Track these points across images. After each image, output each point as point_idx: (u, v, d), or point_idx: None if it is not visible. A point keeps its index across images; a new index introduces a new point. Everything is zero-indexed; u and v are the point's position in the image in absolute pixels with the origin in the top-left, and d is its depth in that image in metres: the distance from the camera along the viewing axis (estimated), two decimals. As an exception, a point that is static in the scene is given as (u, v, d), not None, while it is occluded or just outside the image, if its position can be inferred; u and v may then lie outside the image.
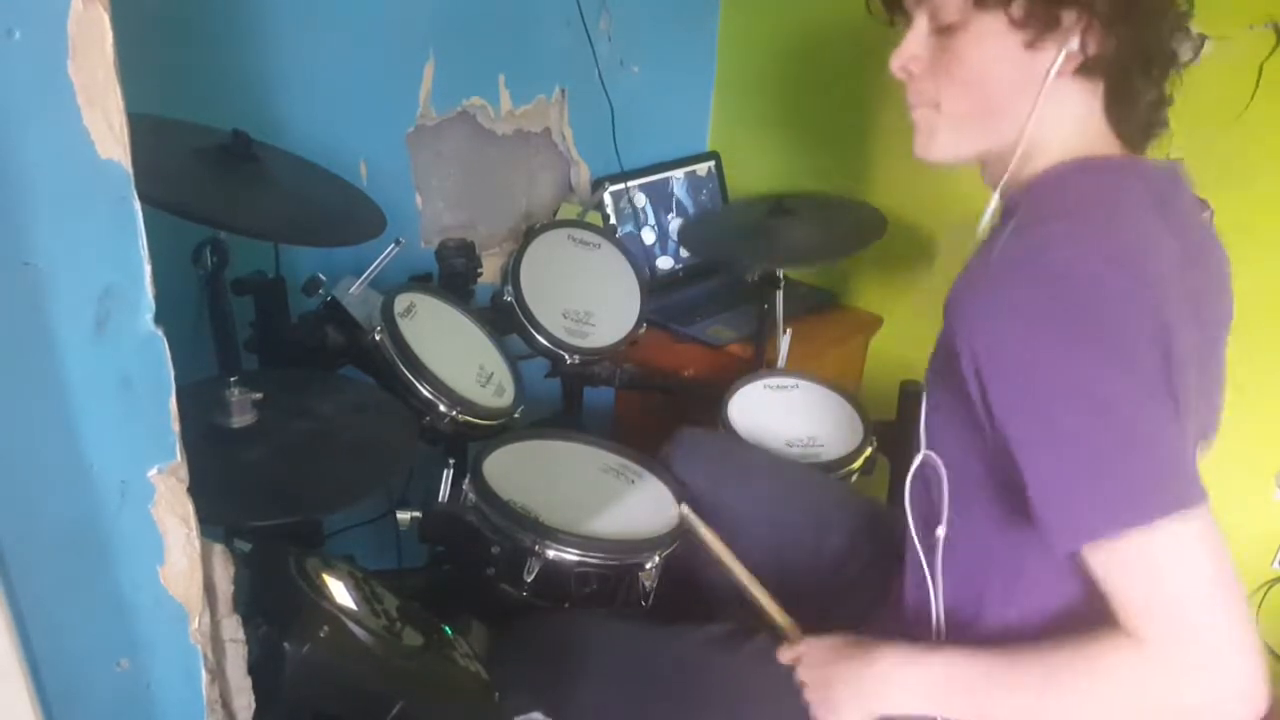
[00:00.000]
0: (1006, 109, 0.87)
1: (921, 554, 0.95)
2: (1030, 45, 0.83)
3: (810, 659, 1.01)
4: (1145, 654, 0.76)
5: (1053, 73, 0.84)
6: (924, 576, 0.95)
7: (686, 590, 1.33)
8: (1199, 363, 0.86)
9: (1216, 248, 0.95)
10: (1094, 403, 0.75)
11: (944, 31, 0.87)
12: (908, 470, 0.94)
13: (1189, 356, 0.80)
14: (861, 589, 1.22)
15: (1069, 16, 0.82)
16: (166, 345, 0.66)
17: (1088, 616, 0.81)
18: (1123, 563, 0.76)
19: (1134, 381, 0.75)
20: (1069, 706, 0.81)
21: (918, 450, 0.92)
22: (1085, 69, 0.85)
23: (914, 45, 0.91)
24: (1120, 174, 0.88)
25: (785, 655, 1.05)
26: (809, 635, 1.06)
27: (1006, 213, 0.91)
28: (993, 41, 0.85)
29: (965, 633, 0.94)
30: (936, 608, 0.95)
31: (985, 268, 0.81)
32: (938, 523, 0.91)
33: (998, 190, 0.93)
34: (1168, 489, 0.74)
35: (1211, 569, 0.75)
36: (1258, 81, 1.60)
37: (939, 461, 0.90)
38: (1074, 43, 0.83)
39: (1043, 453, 0.77)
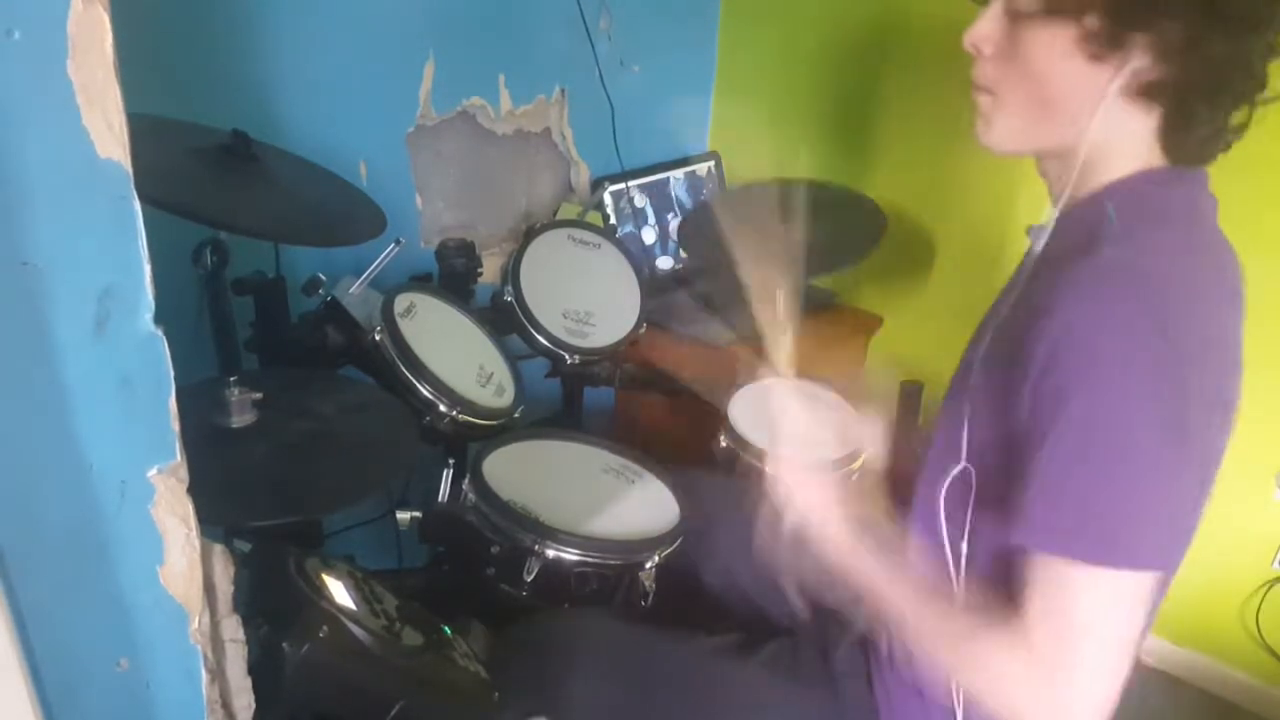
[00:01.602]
0: (1063, 112, 0.86)
1: (951, 565, 0.95)
2: (1095, 58, 0.82)
3: (802, 472, 1.03)
4: (1021, 656, 0.80)
5: (1113, 89, 0.83)
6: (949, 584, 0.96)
7: (687, 591, 1.33)
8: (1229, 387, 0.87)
9: (1233, 259, 0.95)
10: (1123, 441, 0.76)
11: (1017, 20, 0.85)
12: (907, 474, 0.94)
13: (1230, 383, 0.83)
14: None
15: (1139, 38, 0.80)
16: (166, 345, 0.66)
17: None
18: (1048, 579, 0.79)
19: (1178, 452, 0.77)
20: (941, 652, 0.88)
21: (950, 458, 0.91)
22: (1146, 91, 0.83)
23: (987, 25, 0.88)
24: (1198, 185, 0.89)
25: (771, 465, 1.06)
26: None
27: (1093, 210, 0.88)
28: (1060, 45, 0.83)
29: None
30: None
31: (1087, 267, 0.80)
32: (961, 534, 0.92)
33: (1060, 199, 0.91)
34: (1151, 545, 0.77)
35: (1133, 628, 0.79)
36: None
37: (974, 471, 0.90)
38: (1139, 63, 0.81)
39: (1067, 462, 0.78)
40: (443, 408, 1.37)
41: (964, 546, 0.92)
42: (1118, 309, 0.77)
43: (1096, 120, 0.84)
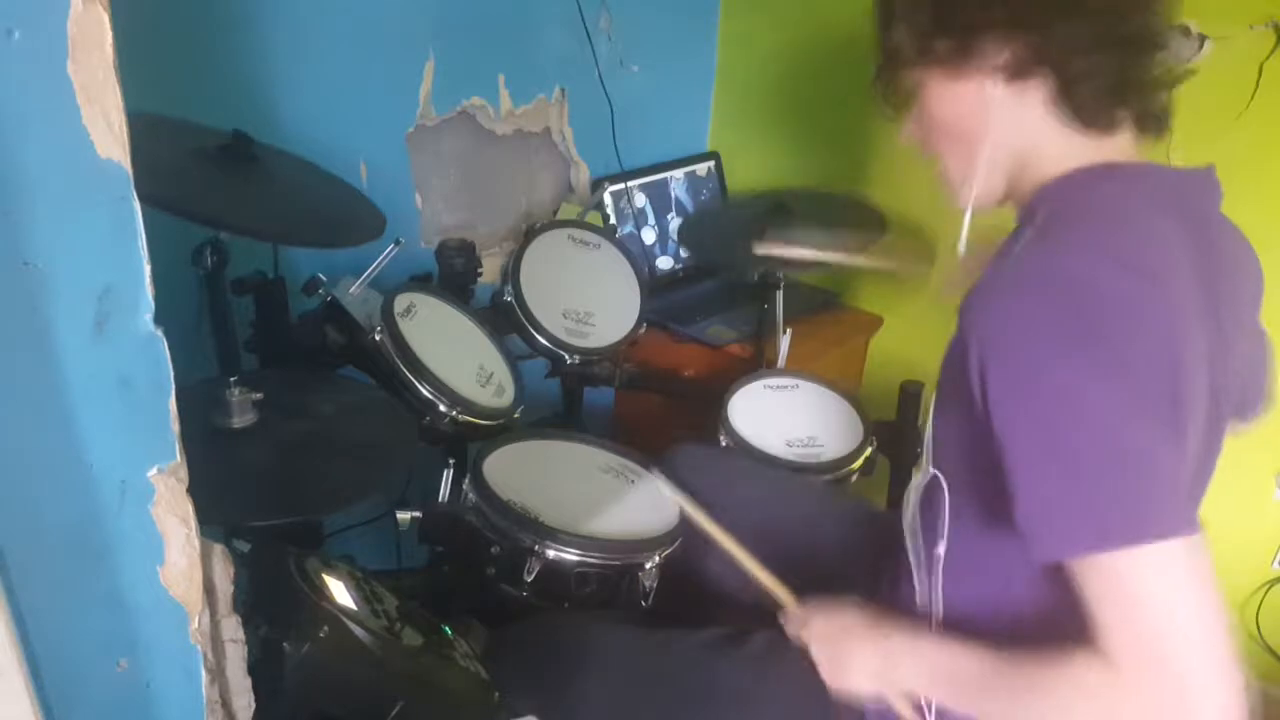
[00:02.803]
0: (985, 140, 0.91)
1: (924, 569, 0.96)
2: (960, 76, 0.89)
3: (820, 631, 1.02)
4: (1116, 677, 0.76)
5: (989, 88, 0.88)
6: (925, 589, 0.96)
7: (686, 591, 1.33)
8: (1218, 365, 0.86)
9: (1247, 253, 0.95)
10: (1091, 418, 0.75)
11: (912, 98, 0.95)
12: (911, 472, 0.94)
13: (1196, 369, 0.80)
14: (858, 595, 1.22)
15: (981, 36, 0.87)
16: (166, 345, 0.66)
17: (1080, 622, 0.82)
18: (1101, 582, 0.76)
19: (1134, 399, 0.75)
20: (1042, 715, 0.83)
21: (920, 467, 0.92)
22: (1020, 73, 0.88)
23: (906, 123, 0.99)
24: (1136, 180, 0.89)
25: (792, 627, 1.05)
26: (810, 604, 1.06)
27: (1024, 219, 0.93)
28: (941, 90, 0.92)
29: (957, 632, 0.95)
30: (935, 618, 0.97)
31: (999, 275, 0.81)
32: (936, 539, 0.92)
33: (970, 206, 0.97)
34: (1157, 513, 0.74)
35: (1193, 603, 0.74)
36: (1258, 81, 1.60)
37: (943, 480, 0.90)
38: (997, 59, 0.87)
39: (1034, 463, 0.77)
40: (443, 408, 1.37)
41: (939, 551, 0.91)
42: (1025, 308, 0.78)
43: (995, 119, 0.89)
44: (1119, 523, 0.74)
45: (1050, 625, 0.85)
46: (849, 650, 0.98)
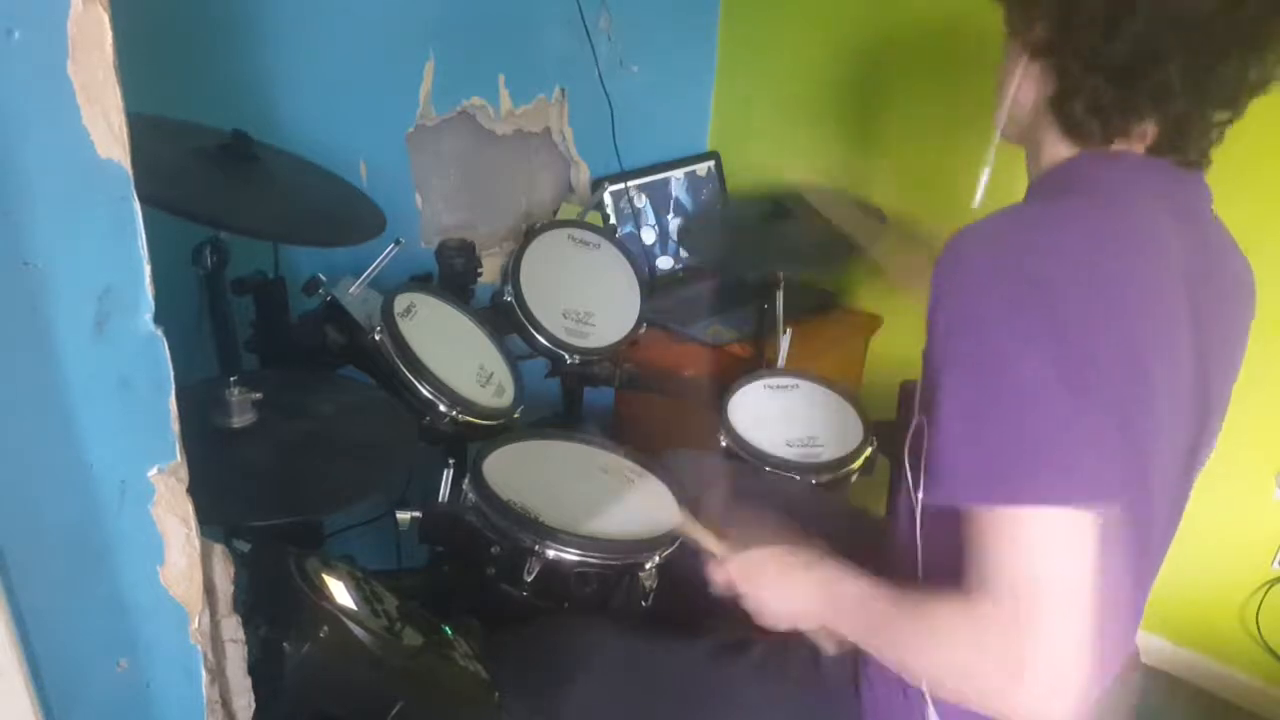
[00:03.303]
0: (1007, 96, 0.96)
1: (916, 516, 0.95)
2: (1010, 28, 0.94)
3: (740, 569, 1.05)
4: (970, 615, 0.78)
5: (1016, 63, 0.93)
6: (911, 539, 0.96)
7: (687, 592, 1.32)
8: (1193, 364, 0.86)
9: (1237, 259, 0.95)
10: (1011, 377, 0.77)
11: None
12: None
13: (1167, 352, 0.82)
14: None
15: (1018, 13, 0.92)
16: (166, 345, 0.66)
17: None
18: (980, 530, 0.78)
19: (1059, 370, 0.76)
20: (902, 645, 0.87)
21: (912, 415, 0.93)
22: (1033, 55, 0.92)
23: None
24: (1137, 170, 0.90)
25: (717, 572, 1.07)
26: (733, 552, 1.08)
27: (1029, 195, 0.97)
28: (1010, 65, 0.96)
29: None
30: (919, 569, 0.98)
31: (974, 229, 0.83)
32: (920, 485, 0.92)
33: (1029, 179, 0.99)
34: (1052, 479, 0.75)
35: (1072, 575, 0.75)
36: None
37: (927, 426, 0.90)
38: (1029, 32, 0.91)
39: (951, 406, 0.79)
40: (442, 408, 1.37)
41: (918, 496, 0.91)
42: (978, 253, 0.80)
43: (1008, 97, 0.95)
44: (1007, 480, 0.76)
45: None
46: (766, 581, 1.01)
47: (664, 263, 2.27)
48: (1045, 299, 0.77)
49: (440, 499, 1.33)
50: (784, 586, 1.00)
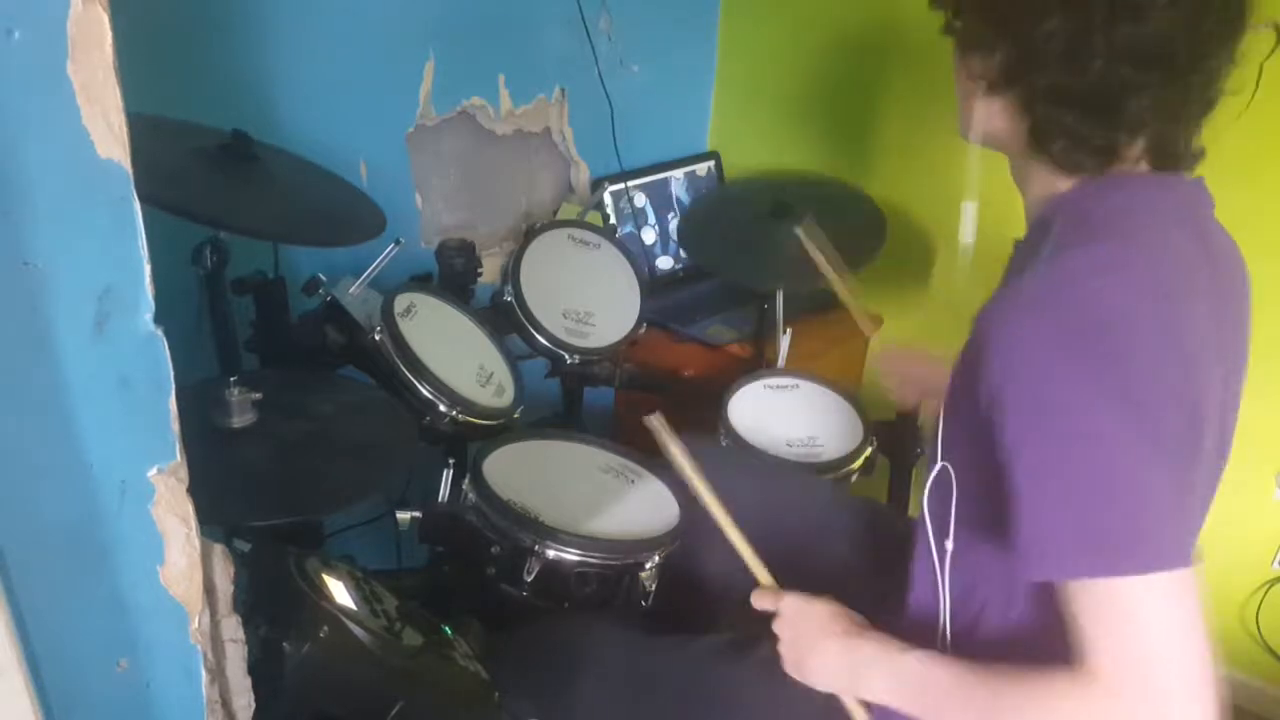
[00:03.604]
0: (974, 121, 0.94)
1: (936, 563, 0.95)
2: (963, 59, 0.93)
3: (792, 619, 1.02)
4: (1093, 695, 0.76)
5: (978, 94, 0.91)
6: (934, 585, 0.95)
7: (687, 591, 1.33)
8: (1232, 382, 0.87)
9: (1238, 262, 0.95)
10: (1095, 445, 0.75)
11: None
12: (911, 472, 0.94)
13: (1211, 390, 0.81)
14: (863, 592, 1.22)
15: (977, 50, 0.90)
16: (166, 345, 0.66)
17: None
18: (1090, 603, 0.76)
19: (1140, 430, 0.75)
20: None
21: (934, 460, 0.92)
22: (991, 90, 0.90)
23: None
24: (1144, 191, 0.88)
25: (761, 601, 1.04)
26: (789, 591, 1.05)
27: (1037, 229, 0.92)
28: (958, 53, 0.95)
29: (966, 640, 0.95)
30: (944, 617, 0.96)
31: (1017, 292, 0.81)
32: (946, 534, 0.92)
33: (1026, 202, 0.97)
34: (1148, 545, 0.74)
35: (1179, 632, 0.74)
36: (1258, 81, 1.59)
37: (952, 471, 0.90)
38: (980, 69, 0.90)
39: (1036, 482, 0.77)
40: (443, 407, 1.37)
41: (948, 545, 0.91)
42: (1041, 328, 0.77)
43: (978, 112, 0.92)
44: (1110, 552, 0.75)
45: (1052, 641, 0.86)
46: (817, 646, 0.98)
47: (664, 263, 2.27)
48: (1113, 355, 0.76)
49: (440, 499, 1.33)
50: (838, 657, 0.97)
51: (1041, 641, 0.87)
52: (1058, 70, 0.83)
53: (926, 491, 0.93)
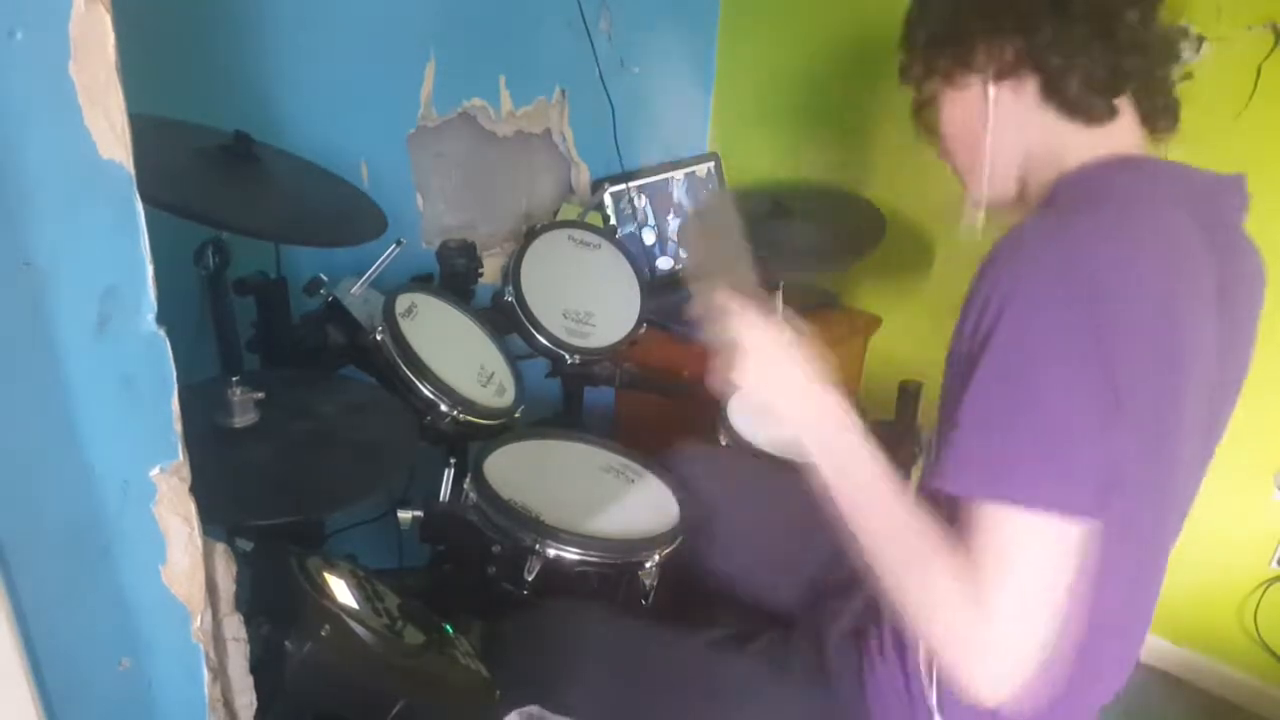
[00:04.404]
0: (987, 147, 0.97)
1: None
2: (960, 85, 0.96)
3: (762, 334, 1.01)
4: (959, 581, 0.80)
5: (990, 90, 0.94)
6: None
7: (688, 591, 1.33)
8: (1228, 361, 0.88)
9: (1254, 256, 0.96)
10: (1043, 385, 0.77)
11: (922, 116, 1.03)
12: (911, 472, 0.94)
13: (1198, 371, 0.83)
14: (864, 591, 1.22)
15: (978, 50, 0.94)
16: (168, 345, 0.66)
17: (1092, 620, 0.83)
18: (981, 520, 0.79)
19: (1095, 387, 0.77)
20: (891, 553, 0.87)
21: (919, 466, 0.92)
22: (1005, 76, 0.93)
23: (932, 140, 1.05)
24: (1150, 173, 0.91)
25: (710, 303, 1.06)
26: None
27: (1043, 205, 0.96)
28: (950, 102, 0.99)
29: None
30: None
31: (1019, 239, 0.83)
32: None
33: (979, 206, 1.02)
34: (1058, 487, 0.77)
35: (1048, 579, 0.78)
36: (1256, 82, 1.60)
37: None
38: (989, 66, 0.94)
39: (975, 398, 0.80)
40: (444, 407, 1.37)
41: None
42: (1041, 260, 0.79)
43: (997, 119, 0.95)
44: (1009, 481, 0.78)
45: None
46: (790, 370, 0.98)
47: (664, 263, 2.28)
48: (1100, 314, 0.77)
49: (441, 498, 1.33)
50: (802, 389, 0.97)
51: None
52: (1054, 20, 0.89)
53: (918, 486, 0.93)
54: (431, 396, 1.36)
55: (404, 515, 1.32)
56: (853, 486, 0.91)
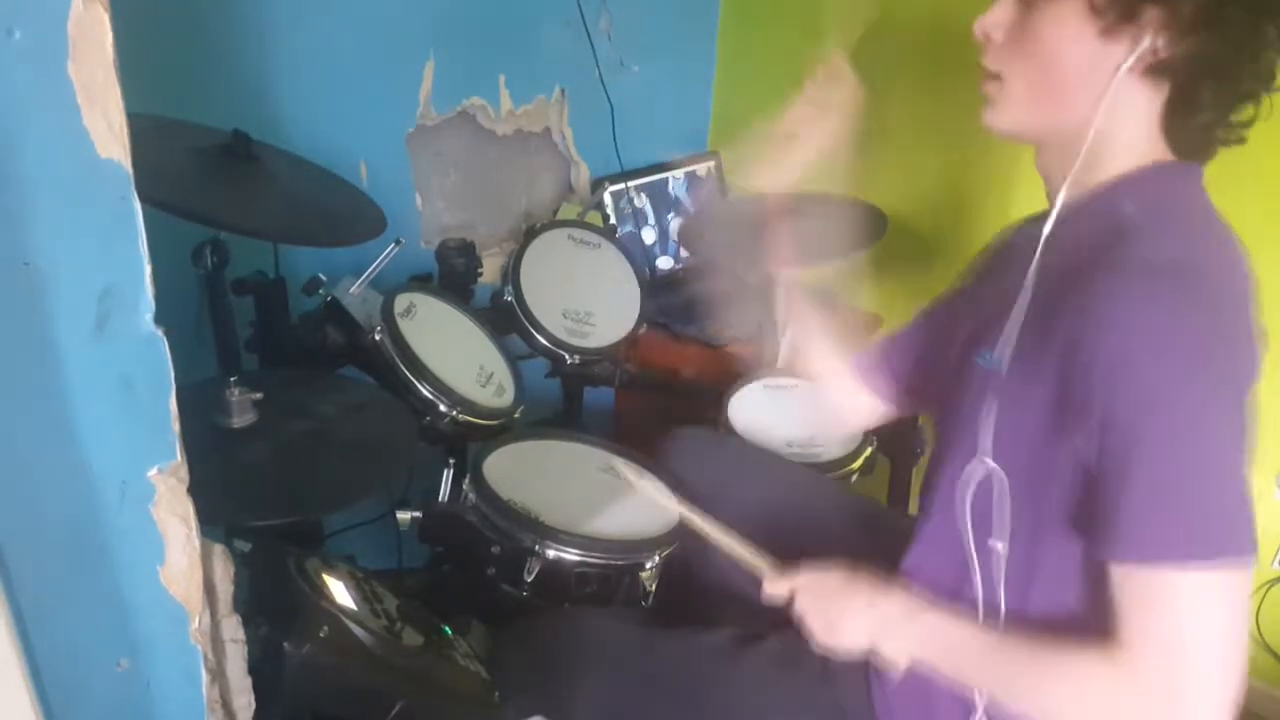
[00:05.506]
0: (1071, 93, 0.86)
1: (984, 567, 0.94)
2: (1105, 34, 0.83)
3: (814, 590, 1.02)
4: (1124, 676, 0.78)
5: (1124, 67, 0.83)
6: (986, 587, 0.94)
7: (688, 591, 1.33)
8: None
9: (1244, 253, 0.95)
10: (1211, 435, 0.77)
11: (1028, 4, 0.87)
12: (911, 472, 0.94)
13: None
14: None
15: (1150, 12, 0.81)
16: (167, 345, 0.66)
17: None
18: (1149, 589, 0.78)
19: (1235, 429, 0.77)
20: (1035, 696, 0.85)
21: (971, 455, 0.90)
22: (1154, 70, 0.83)
23: (1000, 13, 0.89)
24: (1194, 179, 0.89)
25: (775, 587, 1.05)
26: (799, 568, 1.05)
27: (1104, 208, 0.88)
28: (1070, 23, 0.84)
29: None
30: (1000, 617, 0.95)
31: (1118, 278, 0.79)
32: (991, 534, 0.91)
33: (1063, 188, 0.90)
34: (1237, 534, 0.76)
35: (1220, 633, 0.78)
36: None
37: (1002, 471, 0.89)
38: (1148, 41, 0.82)
39: (1141, 468, 0.77)
40: (443, 407, 1.37)
41: (1000, 547, 0.90)
42: (1176, 310, 0.77)
43: (1106, 101, 0.84)
44: (1206, 539, 0.76)
45: (1089, 626, 0.86)
46: (847, 608, 0.98)
47: (664, 263, 2.27)
48: (1215, 348, 0.77)
49: (440, 499, 1.33)
50: (866, 612, 0.97)
51: (1083, 626, 0.87)
52: (1243, 15, 0.80)
53: (970, 492, 0.92)
54: (430, 396, 1.36)
55: (403, 516, 1.31)
56: (955, 655, 0.91)
